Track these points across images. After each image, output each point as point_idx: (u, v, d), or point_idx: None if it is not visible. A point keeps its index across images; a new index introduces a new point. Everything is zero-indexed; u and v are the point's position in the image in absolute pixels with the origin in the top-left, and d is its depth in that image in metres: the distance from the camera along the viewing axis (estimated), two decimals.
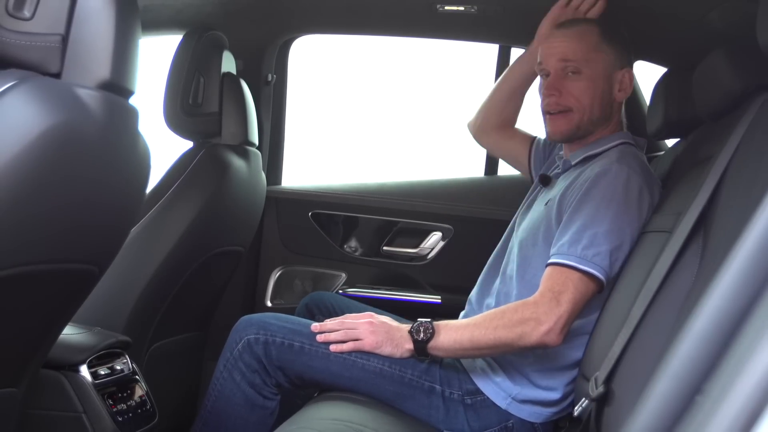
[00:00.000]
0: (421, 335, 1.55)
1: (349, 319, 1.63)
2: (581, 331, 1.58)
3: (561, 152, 1.81)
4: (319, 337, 1.60)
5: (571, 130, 1.69)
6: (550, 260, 1.53)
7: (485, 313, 1.59)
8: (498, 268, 1.77)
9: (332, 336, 1.60)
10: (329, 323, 1.63)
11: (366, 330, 1.59)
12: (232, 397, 1.62)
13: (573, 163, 1.70)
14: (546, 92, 1.69)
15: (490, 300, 1.72)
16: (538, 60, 1.73)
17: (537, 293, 1.51)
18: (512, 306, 1.54)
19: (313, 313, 1.96)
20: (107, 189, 1.21)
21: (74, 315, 1.35)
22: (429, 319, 1.57)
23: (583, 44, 1.67)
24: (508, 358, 1.62)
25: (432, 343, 1.54)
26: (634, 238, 1.53)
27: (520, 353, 1.60)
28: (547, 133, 1.76)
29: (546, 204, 1.67)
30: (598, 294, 1.53)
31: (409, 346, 1.56)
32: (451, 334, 1.54)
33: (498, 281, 1.74)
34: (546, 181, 1.80)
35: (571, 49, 1.67)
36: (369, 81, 3.59)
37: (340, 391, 1.64)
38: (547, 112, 1.71)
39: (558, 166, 1.79)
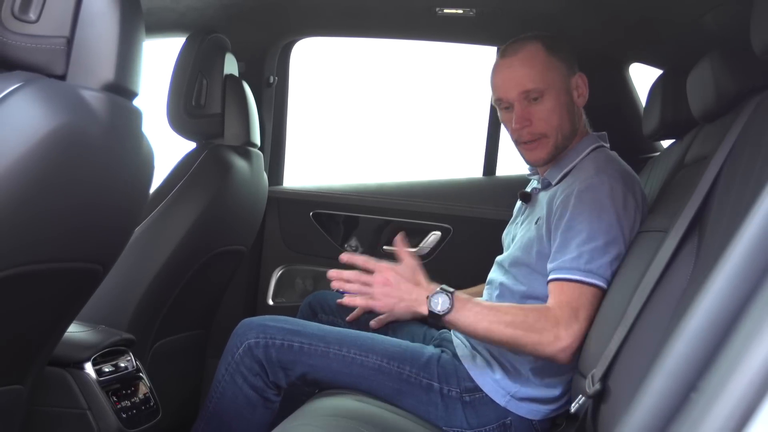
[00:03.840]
0: (438, 308, 1.49)
1: (366, 275, 1.55)
2: None
3: (531, 169, 1.81)
4: (334, 284, 1.56)
5: (550, 153, 1.69)
6: (557, 275, 1.52)
7: (508, 305, 1.58)
8: (494, 280, 1.78)
9: (347, 286, 1.55)
10: (347, 273, 1.56)
11: (380, 291, 1.52)
12: (235, 399, 1.64)
13: (553, 182, 1.70)
14: (516, 124, 1.67)
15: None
16: (494, 95, 1.71)
17: (555, 305, 1.50)
18: (535, 311, 1.51)
19: (316, 311, 1.98)
20: (111, 189, 1.22)
21: (79, 313, 1.37)
22: (452, 291, 1.51)
23: (535, 67, 1.65)
24: (508, 356, 1.63)
25: (447, 317, 1.49)
26: (629, 243, 1.55)
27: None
28: (526, 161, 1.75)
29: (536, 223, 1.67)
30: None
31: (423, 310, 1.50)
32: (469, 316, 1.50)
33: (496, 292, 1.75)
34: (527, 198, 1.80)
35: (526, 76, 1.65)
36: (369, 82, 3.59)
37: (340, 388, 1.65)
38: (522, 143, 1.70)
39: (536, 181, 1.80)
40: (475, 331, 1.51)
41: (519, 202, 1.86)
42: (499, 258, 1.79)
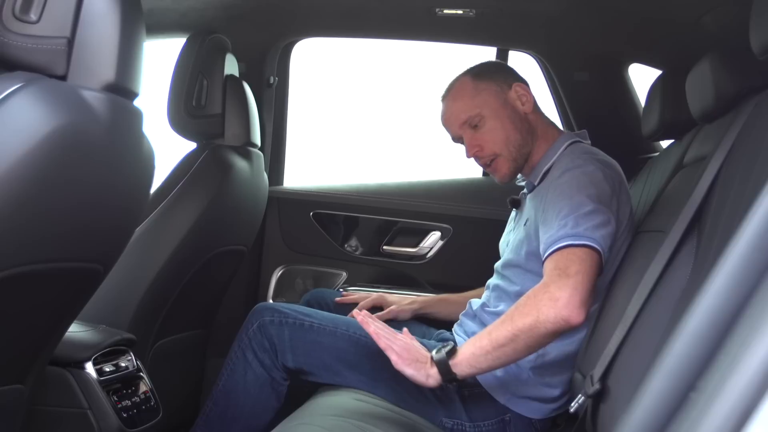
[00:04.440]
0: (444, 351, 1.49)
1: (392, 332, 1.57)
2: (579, 329, 1.60)
3: (519, 177, 1.85)
4: (359, 317, 1.56)
5: (512, 167, 1.76)
6: (546, 253, 1.51)
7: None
8: (490, 284, 1.80)
9: (372, 326, 1.54)
10: (372, 320, 1.58)
11: (400, 345, 1.53)
12: (244, 375, 1.71)
13: (536, 183, 1.73)
14: (469, 153, 1.78)
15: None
16: (449, 135, 1.82)
17: (544, 276, 1.49)
18: (523, 297, 1.49)
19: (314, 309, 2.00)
20: (112, 189, 1.22)
21: (80, 313, 1.37)
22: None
23: (464, 99, 1.76)
24: None
25: (453, 359, 1.48)
26: (617, 215, 1.55)
27: None
28: (498, 181, 1.82)
29: (525, 224, 1.70)
30: (600, 275, 1.52)
31: (432, 371, 1.49)
32: (470, 343, 1.50)
33: (492, 294, 1.77)
34: (516, 204, 1.85)
35: (458, 110, 1.76)
36: (369, 83, 3.60)
37: (343, 377, 1.69)
38: (484, 165, 1.80)
39: (524, 188, 1.83)
40: (483, 350, 1.47)
41: (513, 212, 1.89)
42: (495, 264, 1.82)
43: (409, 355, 1.50)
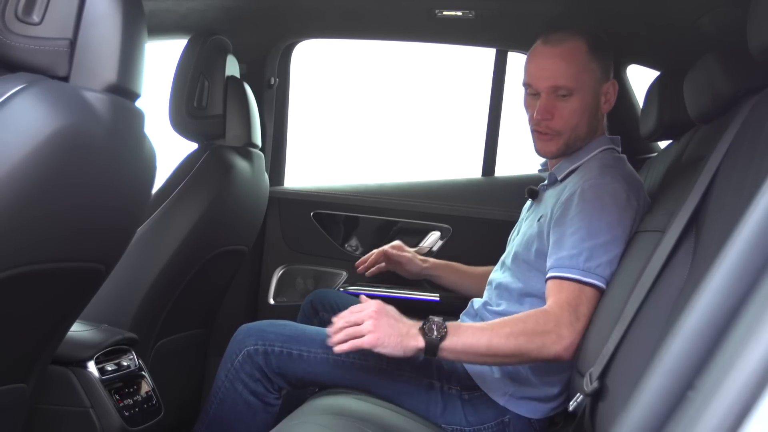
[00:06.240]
0: (435, 333, 1.43)
1: (356, 310, 1.47)
2: None
3: (542, 165, 1.84)
4: (333, 346, 1.48)
5: (560, 149, 1.70)
6: (555, 273, 1.51)
7: (502, 319, 1.52)
8: (493, 280, 1.79)
9: (335, 338, 1.46)
10: (336, 325, 1.48)
11: (368, 326, 1.43)
12: (235, 406, 1.65)
13: (559, 177, 1.72)
14: (538, 115, 1.66)
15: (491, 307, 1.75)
16: (525, 78, 1.70)
17: (554, 304, 1.48)
18: (532, 315, 1.48)
19: (318, 310, 1.99)
20: (114, 190, 1.23)
21: (82, 312, 1.37)
22: (441, 318, 1.46)
23: (573, 65, 1.64)
24: None
25: (445, 344, 1.43)
26: (636, 231, 1.55)
27: None
28: (535, 149, 1.75)
29: (538, 220, 1.68)
30: None
31: (418, 344, 1.43)
32: (467, 336, 1.45)
33: (494, 292, 1.76)
34: (534, 195, 1.82)
35: (561, 72, 1.64)
36: (369, 84, 3.61)
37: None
38: (538, 132, 1.70)
39: (544, 179, 1.81)
40: (477, 352, 1.45)
41: (528, 202, 1.87)
42: (503, 257, 1.81)
43: (379, 333, 1.42)
